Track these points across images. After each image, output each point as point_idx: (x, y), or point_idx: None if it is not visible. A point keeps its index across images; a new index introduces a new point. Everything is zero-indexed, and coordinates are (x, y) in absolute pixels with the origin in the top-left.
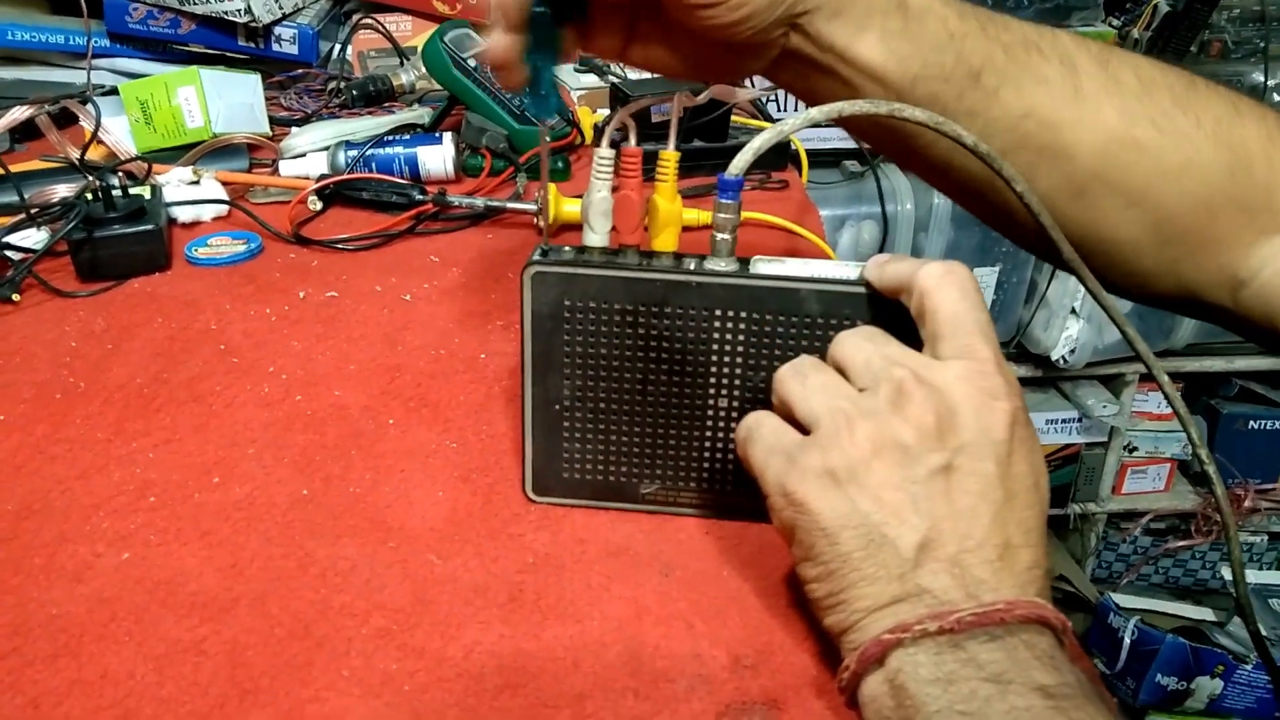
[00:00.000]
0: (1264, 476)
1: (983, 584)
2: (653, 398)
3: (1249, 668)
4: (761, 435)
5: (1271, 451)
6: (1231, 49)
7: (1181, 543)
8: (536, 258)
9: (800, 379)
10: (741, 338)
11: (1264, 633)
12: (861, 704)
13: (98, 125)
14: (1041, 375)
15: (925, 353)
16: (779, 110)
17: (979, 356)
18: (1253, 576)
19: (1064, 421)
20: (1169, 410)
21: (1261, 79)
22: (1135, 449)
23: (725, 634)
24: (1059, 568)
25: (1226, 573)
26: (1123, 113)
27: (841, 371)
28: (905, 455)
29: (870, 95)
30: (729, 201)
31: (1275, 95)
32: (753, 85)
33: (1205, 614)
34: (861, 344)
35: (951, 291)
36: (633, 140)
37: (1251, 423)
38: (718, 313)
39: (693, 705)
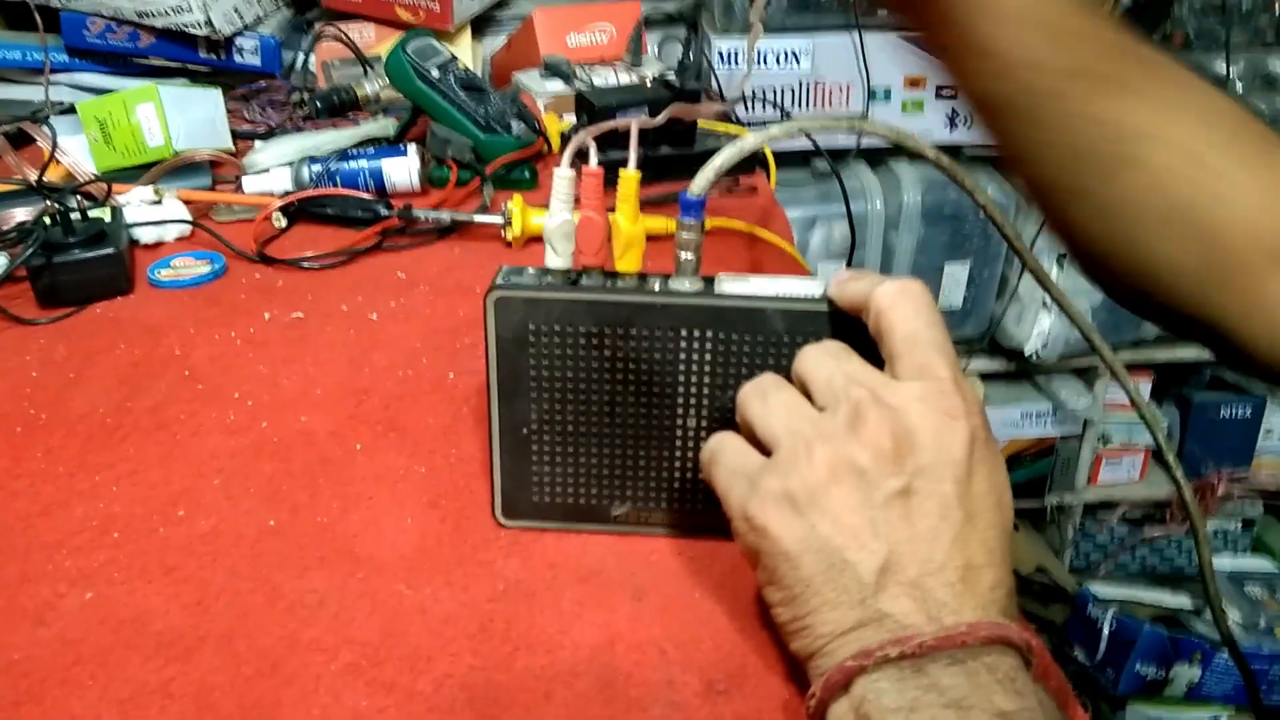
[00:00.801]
0: (1236, 463)
1: (944, 606)
2: (621, 419)
3: (1225, 655)
4: (725, 458)
5: (1244, 438)
6: (1194, 40)
7: (1158, 531)
8: (499, 282)
9: (761, 398)
10: (709, 357)
11: (1239, 619)
12: None
13: (54, 147)
14: (1014, 369)
15: (885, 372)
16: (746, 113)
17: (937, 375)
18: (1227, 563)
19: (1038, 415)
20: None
21: (1223, 70)
22: (1109, 439)
23: (698, 659)
24: (1038, 559)
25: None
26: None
27: (805, 387)
28: (863, 479)
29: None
30: (692, 221)
31: (1238, 84)
32: (720, 100)
33: (1183, 601)
34: (824, 359)
35: (906, 310)
36: (593, 161)
37: (1223, 410)
38: (683, 333)
39: None
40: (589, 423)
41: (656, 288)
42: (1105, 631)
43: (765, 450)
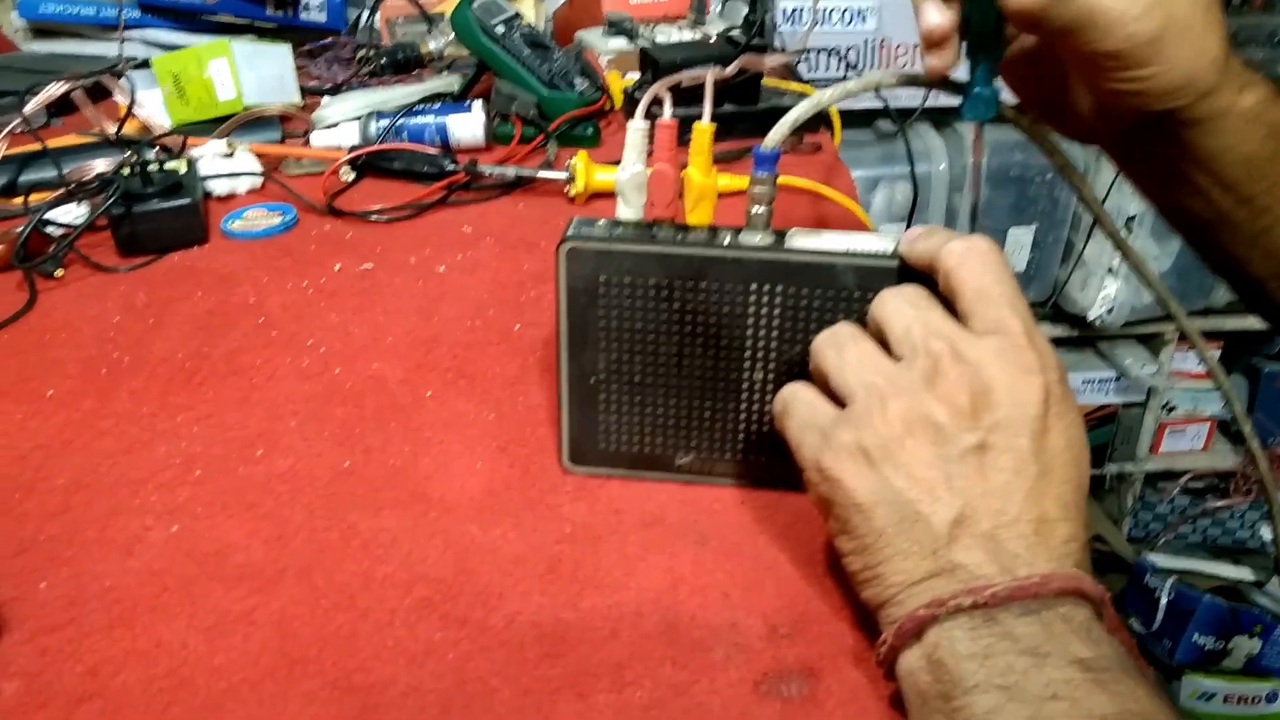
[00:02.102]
0: None
1: (1017, 559)
2: (688, 371)
3: None
4: (797, 410)
5: None
6: (1275, 1)
7: (1220, 502)
8: (571, 233)
9: (837, 349)
10: (777, 311)
11: None
12: (899, 677)
13: (132, 99)
14: (1078, 335)
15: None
16: (809, 71)
17: (1011, 330)
18: None
19: (1101, 381)
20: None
21: None
22: (1174, 408)
23: (761, 603)
24: (1095, 528)
25: (1266, 533)
26: None
27: (881, 334)
28: (939, 434)
29: (1216, 199)
30: (765, 175)
31: None
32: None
33: (1244, 574)
34: (903, 308)
35: (975, 266)
36: (667, 113)
37: None
38: (753, 287)
39: (729, 674)
40: (656, 373)
41: (727, 241)
42: (1163, 601)
43: (839, 401)
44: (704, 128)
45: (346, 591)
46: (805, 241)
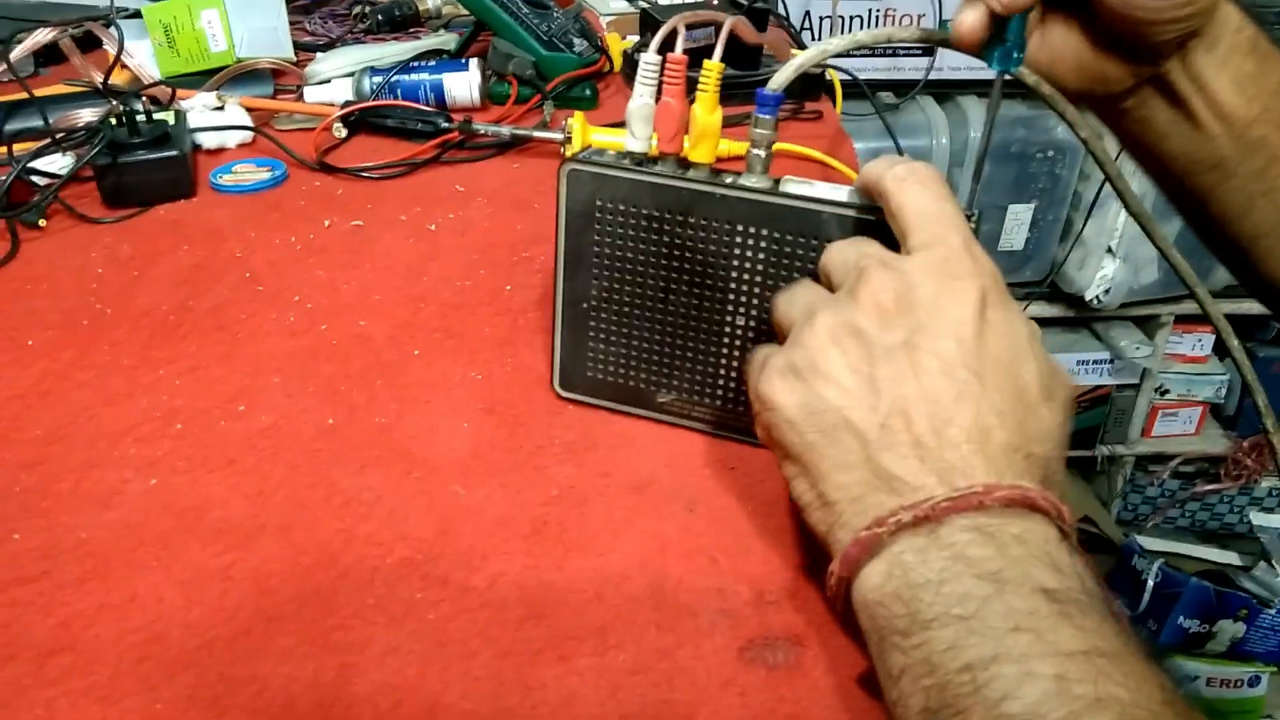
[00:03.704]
0: None
1: (953, 469)
2: (674, 307)
3: (1273, 612)
4: (755, 358)
5: None
6: None
7: (1210, 486)
8: (577, 155)
9: (789, 297)
10: (761, 255)
11: None
12: (857, 610)
13: (120, 49)
14: (1074, 315)
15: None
16: (813, 38)
17: (946, 242)
18: (1279, 521)
19: (1095, 363)
20: (1203, 353)
21: None
22: (1167, 391)
23: (749, 569)
24: (1085, 509)
25: (1254, 517)
26: None
27: (827, 278)
28: (861, 337)
29: (1213, 133)
30: (767, 117)
31: None
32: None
33: (1230, 558)
34: (843, 248)
35: (914, 188)
36: (679, 48)
37: None
38: (739, 228)
39: (715, 639)
40: (644, 306)
41: (725, 181)
42: (1150, 583)
43: None
44: (713, 65)
45: (327, 550)
46: (798, 189)
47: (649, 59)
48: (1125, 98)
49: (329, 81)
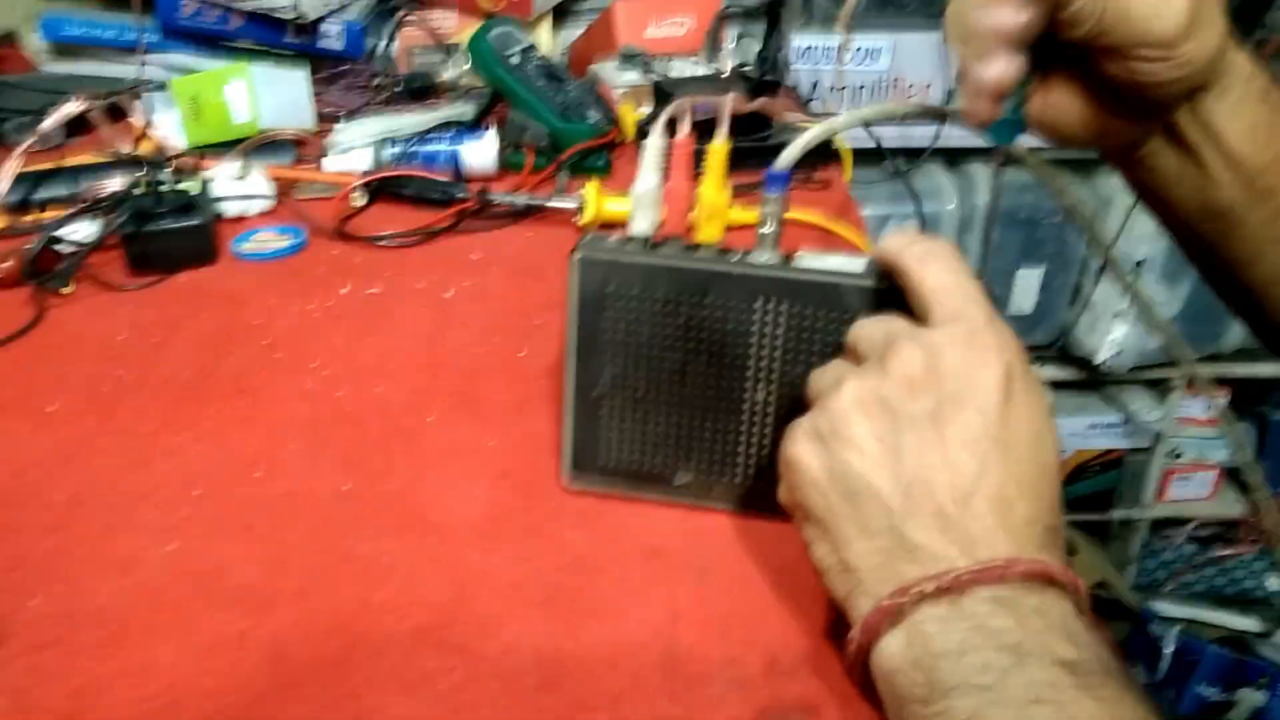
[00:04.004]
0: None
1: (976, 541)
2: (691, 387)
3: None
4: (787, 430)
5: None
6: None
7: (1227, 550)
8: (583, 243)
9: (821, 371)
10: (781, 330)
11: None
12: (876, 678)
13: (148, 120)
14: (1085, 378)
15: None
16: (820, 109)
17: (970, 316)
18: None
19: (1107, 426)
20: (1215, 416)
21: None
22: (1180, 455)
23: (761, 637)
24: (1100, 574)
25: (1272, 582)
26: None
27: (855, 350)
28: (886, 406)
29: (1225, 182)
30: (776, 194)
31: None
32: (796, 97)
33: (1250, 624)
34: (872, 323)
35: (934, 265)
36: (684, 130)
37: None
38: (758, 304)
39: (728, 709)
40: (659, 388)
41: (735, 258)
42: (1168, 650)
43: None
44: (719, 147)
45: (342, 616)
46: (813, 262)
47: (654, 142)
48: (1135, 148)
49: (349, 150)
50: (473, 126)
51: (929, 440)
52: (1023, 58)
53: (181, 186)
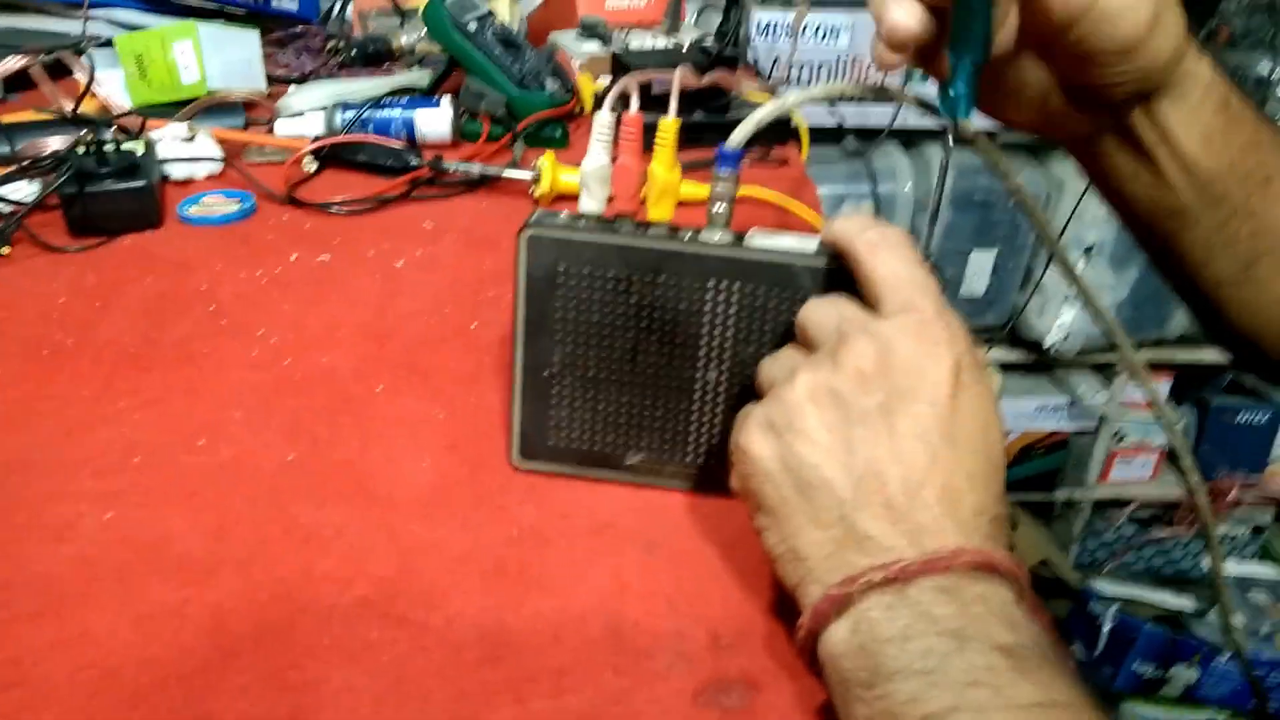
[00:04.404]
0: (1250, 469)
1: (925, 531)
2: (642, 367)
3: (1225, 658)
4: (740, 414)
5: (1259, 445)
6: (1239, 38)
7: (1165, 532)
8: (533, 221)
9: (772, 358)
10: (733, 310)
11: (1241, 625)
12: (821, 662)
13: (91, 78)
14: (1034, 361)
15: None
16: (781, 88)
17: (921, 308)
18: (1234, 568)
19: (1054, 408)
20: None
21: (1268, 70)
22: (1124, 437)
23: (707, 613)
24: (1043, 553)
25: (1207, 563)
26: None
27: (805, 335)
28: (838, 399)
29: (1178, 185)
30: (727, 172)
31: (1279, 88)
32: (756, 72)
33: (1185, 603)
34: (822, 307)
35: (885, 254)
36: (634, 107)
37: (1241, 415)
38: (710, 283)
39: (671, 682)
40: (610, 368)
41: (687, 237)
42: (1105, 628)
43: None
44: (669, 123)
45: (285, 585)
46: (764, 241)
47: (603, 118)
48: (1090, 141)
49: (301, 115)
50: (428, 94)
51: (880, 433)
52: (921, 9)
53: (126, 147)
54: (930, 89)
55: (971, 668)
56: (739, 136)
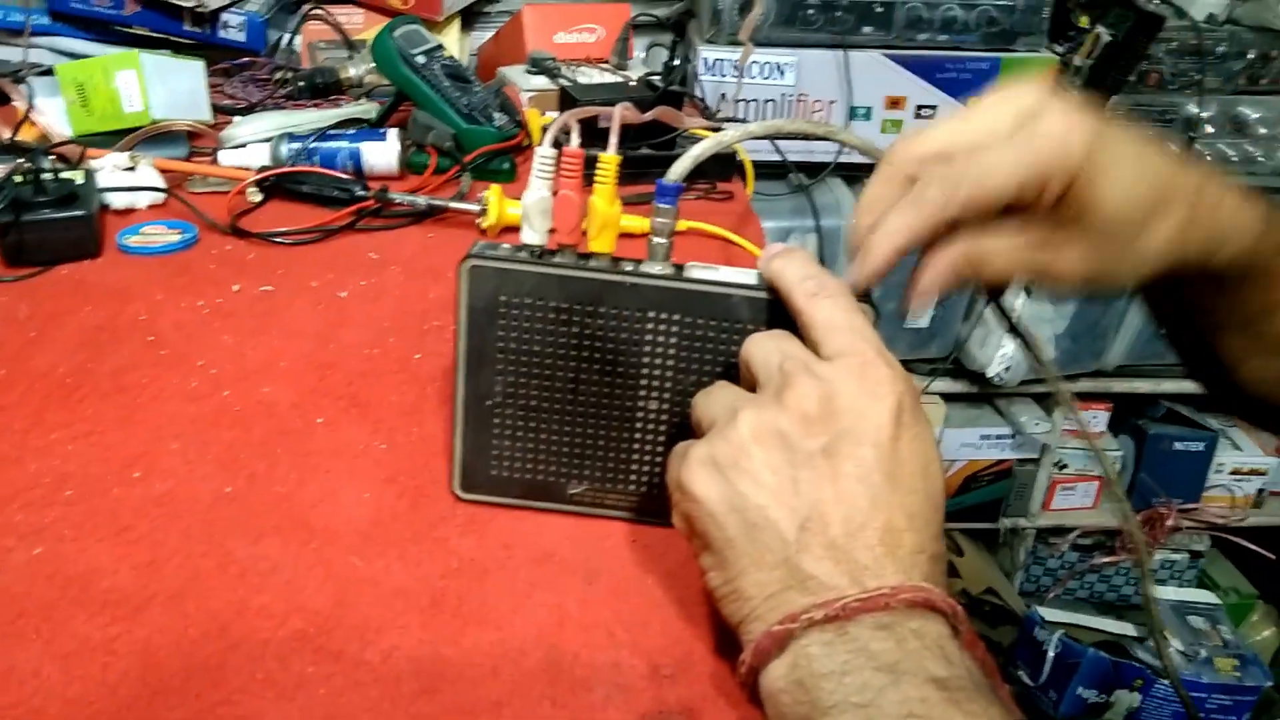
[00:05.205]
0: (1187, 496)
1: (865, 570)
2: (584, 398)
3: (1166, 683)
4: (676, 450)
5: (1196, 472)
6: (1169, 81)
7: (1107, 559)
8: (474, 252)
9: (708, 394)
10: (674, 340)
11: (1180, 648)
12: (764, 698)
13: (30, 105)
14: (977, 391)
15: None
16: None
17: (860, 351)
18: (1172, 594)
19: (997, 437)
20: (1098, 429)
21: (1195, 111)
22: (1065, 466)
23: (646, 643)
24: (988, 581)
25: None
26: None
27: (748, 370)
28: (784, 440)
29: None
30: (667, 206)
31: (1208, 127)
32: (703, 108)
33: (1127, 629)
34: (764, 341)
35: (824, 303)
36: (575, 142)
37: (1177, 444)
38: (650, 315)
39: (609, 713)
40: (552, 399)
41: (628, 269)
42: (1050, 654)
43: None
44: (609, 158)
45: (218, 621)
46: (703, 273)
47: (544, 152)
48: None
49: (245, 146)
50: (376, 126)
51: (824, 475)
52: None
53: (64, 176)
54: (866, 129)
55: (906, 700)
56: (677, 171)
